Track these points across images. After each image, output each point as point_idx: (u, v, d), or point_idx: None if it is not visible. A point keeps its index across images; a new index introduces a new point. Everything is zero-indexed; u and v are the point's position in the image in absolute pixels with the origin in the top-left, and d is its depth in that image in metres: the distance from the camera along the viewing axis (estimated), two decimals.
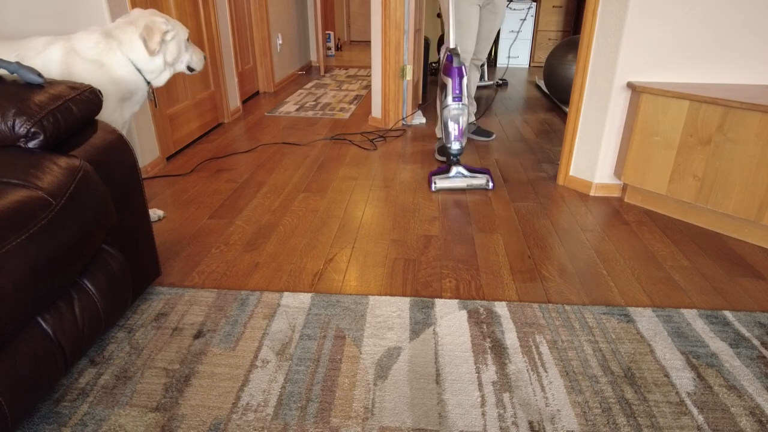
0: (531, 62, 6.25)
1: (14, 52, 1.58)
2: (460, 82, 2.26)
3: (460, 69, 2.25)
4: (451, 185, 2.33)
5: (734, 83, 2.07)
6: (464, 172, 2.35)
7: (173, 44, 1.73)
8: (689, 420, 1.12)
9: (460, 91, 2.26)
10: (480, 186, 2.33)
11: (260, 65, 4.45)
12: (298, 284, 1.63)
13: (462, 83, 2.26)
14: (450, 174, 2.35)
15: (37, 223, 0.99)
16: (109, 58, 1.63)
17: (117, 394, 1.17)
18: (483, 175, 2.36)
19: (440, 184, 2.33)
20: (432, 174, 2.38)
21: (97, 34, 1.64)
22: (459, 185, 2.33)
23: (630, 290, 1.61)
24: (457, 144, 2.34)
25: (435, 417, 1.12)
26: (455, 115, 2.29)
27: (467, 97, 3.08)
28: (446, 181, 2.33)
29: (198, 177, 2.52)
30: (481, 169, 2.41)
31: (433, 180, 2.33)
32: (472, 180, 2.33)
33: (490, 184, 2.33)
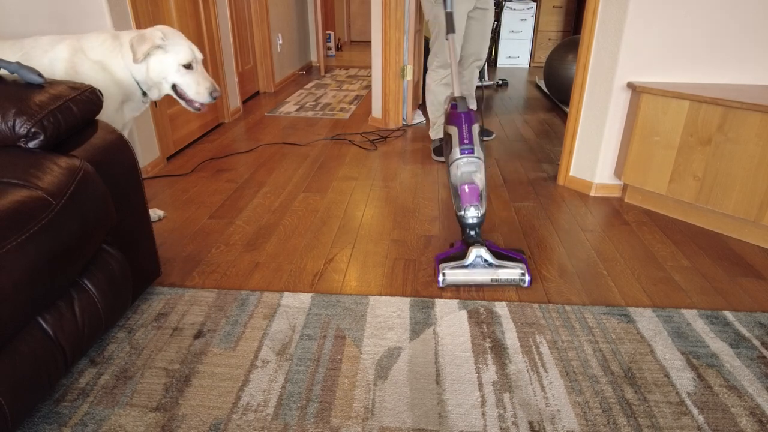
0: (531, 62, 6.25)
1: (20, 51, 1.58)
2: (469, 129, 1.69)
3: (469, 114, 1.71)
4: (468, 280, 1.58)
5: (734, 83, 2.07)
6: (488, 258, 1.59)
7: (154, 61, 1.64)
8: (689, 420, 1.12)
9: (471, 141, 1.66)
10: (511, 281, 1.59)
11: (260, 65, 4.45)
12: (299, 284, 1.63)
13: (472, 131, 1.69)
14: (467, 261, 1.60)
15: (38, 223, 0.99)
16: (111, 59, 1.63)
17: (117, 394, 1.17)
18: (516, 263, 1.60)
19: (451, 278, 1.58)
20: (439, 259, 1.64)
21: (106, 34, 1.64)
22: (480, 280, 1.59)
23: (630, 290, 1.61)
24: (473, 211, 1.63)
25: (435, 417, 1.12)
26: (467, 171, 1.63)
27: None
28: (461, 274, 1.58)
29: (198, 177, 2.52)
30: (513, 253, 1.66)
31: (441, 270, 1.59)
32: (499, 271, 1.58)
33: (526, 279, 1.58)
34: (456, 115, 1.73)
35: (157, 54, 1.64)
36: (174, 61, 1.67)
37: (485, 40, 2.88)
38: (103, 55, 1.62)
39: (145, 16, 2.46)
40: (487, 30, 2.84)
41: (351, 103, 4.16)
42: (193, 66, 1.72)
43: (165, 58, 1.65)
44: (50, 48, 1.59)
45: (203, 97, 1.74)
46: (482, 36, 2.84)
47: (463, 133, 1.69)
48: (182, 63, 1.68)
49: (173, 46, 1.66)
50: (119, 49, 1.63)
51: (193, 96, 1.73)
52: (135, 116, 1.81)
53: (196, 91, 1.72)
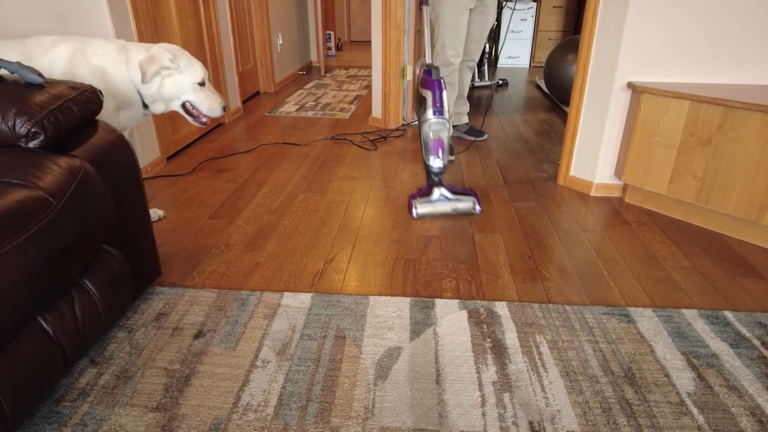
0: (531, 62, 6.25)
1: (20, 50, 1.59)
2: (441, 95, 2.07)
3: (440, 82, 2.08)
4: (434, 210, 2.11)
5: (734, 83, 2.07)
6: (448, 195, 2.12)
7: (170, 82, 1.69)
8: (689, 420, 1.12)
9: (441, 105, 2.06)
10: (466, 210, 2.11)
11: (260, 65, 4.45)
12: (299, 284, 1.63)
13: (442, 96, 2.07)
14: (432, 197, 2.12)
15: (38, 223, 0.99)
16: (113, 68, 1.64)
17: (117, 394, 1.17)
18: (468, 197, 2.14)
19: (422, 210, 2.10)
20: (412, 197, 2.16)
21: (114, 44, 1.66)
22: (443, 210, 2.11)
23: (630, 290, 1.61)
24: (439, 162, 2.11)
25: (435, 417, 1.12)
26: (437, 130, 2.06)
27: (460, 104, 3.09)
28: (428, 206, 2.11)
29: (198, 177, 2.52)
30: (466, 191, 2.20)
31: (413, 205, 2.10)
32: (456, 203, 2.12)
33: (477, 208, 2.12)
34: (430, 81, 2.09)
35: (173, 75, 1.70)
36: (189, 80, 1.73)
37: (480, 43, 2.89)
38: (107, 62, 1.63)
39: (145, 16, 2.46)
40: (484, 33, 2.85)
41: (351, 103, 4.16)
42: (205, 82, 1.78)
43: (181, 78, 1.71)
44: (50, 48, 1.59)
45: (216, 111, 1.80)
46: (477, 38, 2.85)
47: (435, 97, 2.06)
48: (197, 81, 1.74)
49: (187, 67, 1.72)
50: (125, 62, 1.65)
51: (207, 111, 1.79)
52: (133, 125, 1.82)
53: (209, 106, 1.79)
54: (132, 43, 1.71)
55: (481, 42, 2.89)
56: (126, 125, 1.78)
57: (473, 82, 4.85)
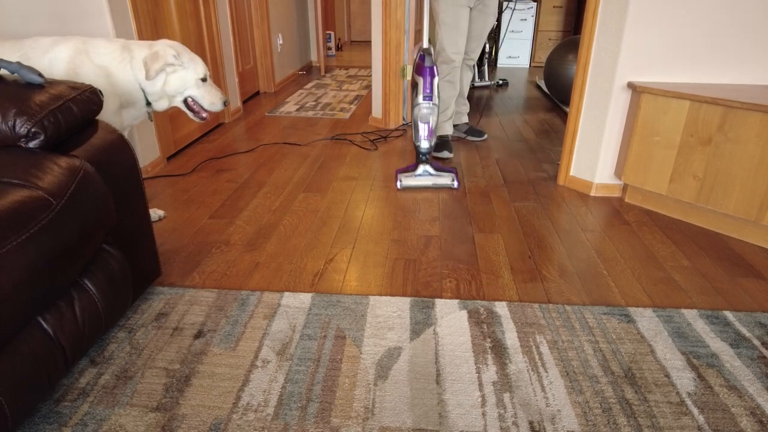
0: (531, 62, 6.25)
1: (19, 51, 1.59)
2: (431, 81, 2.25)
3: (432, 68, 2.25)
4: (417, 183, 2.35)
5: (735, 83, 2.07)
6: (431, 171, 2.36)
7: (175, 78, 1.73)
8: (690, 420, 1.12)
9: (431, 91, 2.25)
10: (445, 185, 2.35)
11: (261, 65, 4.45)
12: (299, 284, 1.63)
13: (433, 83, 2.25)
14: (416, 172, 2.37)
15: (38, 223, 0.99)
16: (117, 68, 1.65)
17: (117, 394, 1.17)
18: (449, 174, 2.37)
19: (406, 182, 2.36)
20: (398, 171, 2.41)
21: (116, 43, 1.67)
22: (424, 183, 2.35)
23: (630, 290, 1.61)
24: (425, 143, 2.35)
25: (435, 417, 1.12)
26: (425, 114, 2.29)
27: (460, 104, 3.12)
28: (412, 179, 2.36)
29: (198, 177, 2.52)
30: (447, 168, 2.42)
31: (398, 177, 2.36)
32: (437, 179, 2.35)
33: (455, 183, 2.35)
34: (423, 67, 2.27)
35: (177, 71, 1.73)
36: (192, 76, 1.76)
37: (479, 41, 2.89)
38: (110, 62, 1.64)
39: (146, 16, 2.46)
40: (484, 32, 2.85)
41: (351, 103, 4.16)
42: (207, 79, 1.81)
43: (185, 74, 1.75)
44: (50, 48, 1.59)
45: (217, 105, 1.84)
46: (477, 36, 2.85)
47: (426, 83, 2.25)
48: (200, 77, 1.77)
49: (190, 63, 1.75)
50: (129, 60, 1.66)
51: (208, 106, 1.83)
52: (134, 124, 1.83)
53: (210, 101, 1.82)
54: (133, 41, 1.72)
55: (481, 41, 2.89)
56: (128, 124, 1.79)
57: (473, 82, 4.85)
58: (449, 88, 2.84)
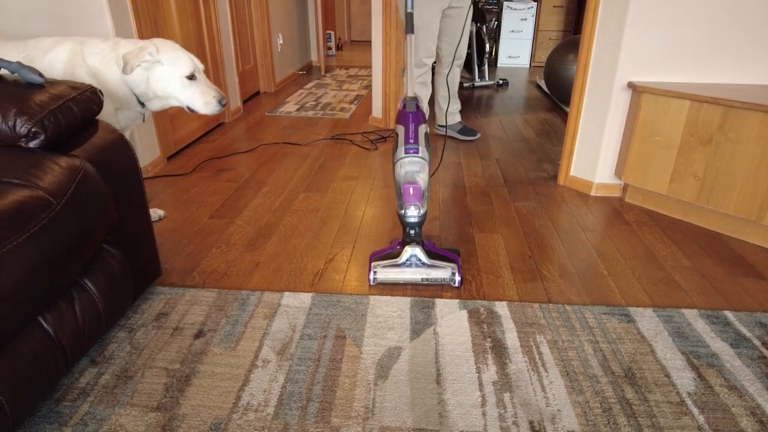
0: (532, 62, 6.25)
1: (24, 52, 1.58)
2: (415, 129, 1.61)
3: (416, 114, 1.64)
4: (399, 278, 1.61)
5: (735, 83, 2.07)
6: (422, 258, 1.61)
7: (155, 76, 1.62)
8: (690, 420, 1.12)
9: (416, 141, 1.59)
10: (441, 282, 1.61)
11: (261, 65, 4.45)
12: (299, 284, 1.63)
13: (418, 131, 1.61)
14: (400, 259, 1.61)
15: (38, 223, 0.99)
16: (105, 68, 1.61)
17: (118, 394, 1.17)
18: (448, 264, 1.61)
19: (382, 276, 1.61)
20: (373, 257, 1.67)
21: (107, 42, 1.63)
22: (411, 278, 1.60)
23: (631, 290, 1.61)
24: (413, 210, 1.60)
25: (435, 417, 1.12)
26: (410, 171, 1.59)
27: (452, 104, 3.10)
28: (392, 272, 1.61)
29: (198, 177, 2.52)
30: (447, 253, 1.67)
31: (372, 268, 1.62)
32: (430, 271, 1.60)
33: (456, 280, 1.59)
34: (404, 114, 1.66)
35: (155, 69, 1.62)
36: (175, 74, 1.64)
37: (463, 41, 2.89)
38: (100, 62, 1.61)
39: (146, 16, 2.46)
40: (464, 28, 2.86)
41: (351, 103, 4.16)
42: (196, 76, 1.68)
43: (163, 71, 1.63)
44: (51, 49, 1.59)
45: (212, 106, 1.71)
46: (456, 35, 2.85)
47: (409, 132, 1.62)
48: (185, 75, 1.65)
49: (171, 59, 1.63)
50: (114, 60, 1.61)
51: (202, 107, 1.70)
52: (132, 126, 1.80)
53: (203, 101, 1.69)
54: (125, 40, 1.67)
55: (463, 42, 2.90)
56: (126, 125, 1.78)
57: (473, 82, 4.86)
58: (423, 90, 2.91)
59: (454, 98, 3.14)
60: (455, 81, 3.09)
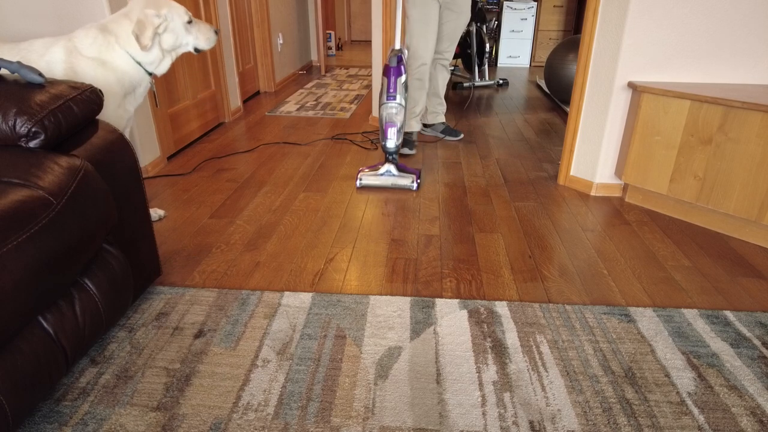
0: (532, 62, 6.25)
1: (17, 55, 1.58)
2: (395, 81, 2.25)
3: (397, 68, 2.24)
4: (377, 183, 2.36)
5: (735, 83, 2.07)
6: (393, 171, 2.36)
7: (168, 35, 1.72)
8: (690, 420, 1.12)
9: (395, 90, 2.25)
10: (404, 186, 2.34)
11: (261, 65, 4.45)
12: (299, 284, 1.63)
13: (397, 82, 2.24)
14: (379, 171, 2.37)
15: (38, 223, 0.99)
16: (109, 54, 1.63)
17: (118, 394, 1.18)
18: (410, 175, 2.36)
19: (366, 181, 2.36)
20: (361, 170, 2.41)
21: (94, 30, 1.64)
22: (384, 183, 2.36)
23: (631, 290, 1.61)
24: (390, 142, 2.34)
25: (435, 416, 1.12)
26: (390, 114, 2.28)
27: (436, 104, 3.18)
28: (372, 178, 2.36)
29: (199, 176, 2.52)
30: (411, 170, 2.41)
31: (359, 176, 2.36)
32: (397, 179, 2.35)
33: (414, 185, 2.33)
34: (387, 68, 2.27)
35: (167, 26, 1.72)
36: (180, 23, 1.75)
37: (452, 41, 2.89)
38: (99, 51, 1.62)
39: None
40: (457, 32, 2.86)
41: (351, 103, 4.16)
42: (191, 19, 1.80)
43: (174, 26, 1.74)
44: (45, 51, 1.59)
45: (212, 40, 1.87)
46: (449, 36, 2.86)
47: (390, 83, 2.24)
48: (185, 21, 1.77)
49: (172, 13, 1.73)
50: (115, 41, 1.64)
51: (205, 44, 1.85)
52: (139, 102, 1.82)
53: (205, 38, 1.85)
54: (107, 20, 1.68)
55: (453, 41, 2.89)
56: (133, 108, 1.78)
57: (473, 82, 4.85)
58: (419, 86, 2.86)
59: (439, 98, 3.12)
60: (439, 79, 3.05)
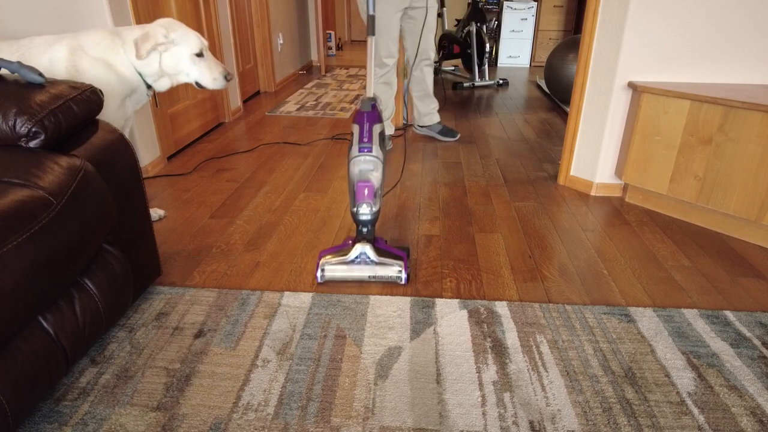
0: (532, 62, 6.25)
1: (17, 52, 1.58)
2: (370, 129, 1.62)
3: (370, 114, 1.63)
4: (347, 275, 1.63)
5: (735, 83, 2.07)
6: (370, 256, 1.63)
7: (169, 56, 1.70)
8: (690, 420, 1.12)
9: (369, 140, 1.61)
10: (388, 279, 1.63)
11: (261, 65, 4.45)
12: (299, 284, 1.63)
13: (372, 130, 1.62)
14: (349, 257, 1.63)
15: (38, 223, 0.99)
16: (113, 57, 1.65)
17: (118, 394, 1.18)
18: (396, 261, 1.63)
19: (330, 274, 1.63)
20: (323, 254, 1.67)
21: (105, 32, 1.66)
22: (358, 276, 1.62)
23: (631, 290, 1.61)
24: (365, 208, 1.62)
25: (435, 416, 1.12)
26: (364, 170, 1.61)
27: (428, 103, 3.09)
28: (340, 269, 1.63)
29: (199, 176, 2.52)
30: (396, 251, 1.68)
31: (320, 266, 1.63)
32: (378, 269, 1.62)
33: (402, 278, 1.62)
34: (359, 114, 1.67)
35: (169, 49, 1.70)
36: (186, 52, 1.73)
37: (427, 39, 2.87)
38: (104, 52, 1.63)
39: (146, 16, 2.46)
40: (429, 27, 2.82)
41: (352, 103, 4.16)
42: (204, 53, 1.77)
43: (178, 50, 1.71)
44: (47, 48, 1.59)
45: (219, 82, 1.81)
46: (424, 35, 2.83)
47: (363, 131, 1.64)
48: (194, 52, 1.74)
49: (182, 38, 1.71)
50: (121, 46, 1.65)
51: (210, 84, 1.80)
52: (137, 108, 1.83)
53: (211, 77, 1.79)
54: (123, 27, 1.71)
55: (431, 37, 2.88)
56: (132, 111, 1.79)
57: (473, 82, 4.86)
58: (386, 89, 2.87)
59: (430, 98, 3.11)
60: (427, 80, 3.05)
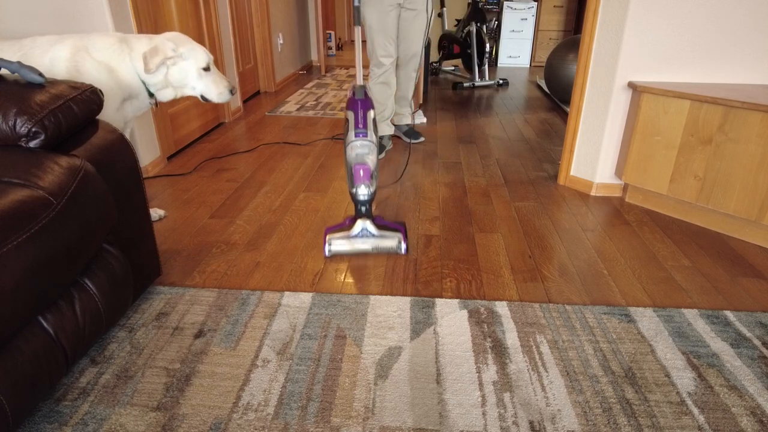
0: (532, 62, 6.25)
1: (19, 51, 1.58)
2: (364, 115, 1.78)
3: (364, 101, 1.79)
4: (352, 248, 1.79)
5: (735, 83, 2.07)
6: (372, 231, 1.79)
7: (176, 70, 1.73)
8: (690, 420, 1.12)
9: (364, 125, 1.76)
10: (389, 250, 1.80)
11: (261, 65, 4.45)
12: (299, 284, 1.63)
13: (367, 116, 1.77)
14: (352, 232, 1.80)
15: (38, 223, 0.99)
16: (118, 63, 1.66)
17: (118, 394, 1.18)
18: (395, 234, 1.81)
19: (336, 248, 1.78)
20: (329, 230, 1.83)
21: (113, 37, 1.67)
22: (362, 248, 1.79)
23: (631, 290, 1.61)
24: (363, 189, 1.77)
25: (435, 417, 1.12)
26: (360, 154, 1.75)
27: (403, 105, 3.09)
28: (345, 243, 1.79)
29: (199, 176, 2.52)
30: (394, 225, 1.86)
31: (327, 241, 1.79)
32: (380, 241, 1.79)
33: (402, 248, 1.80)
34: (353, 101, 1.81)
35: (177, 63, 1.72)
36: (194, 67, 1.76)
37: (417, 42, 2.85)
38: (110, 57, 1.64)
39: (146, 16, 2.46)
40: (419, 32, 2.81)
41: None
42: (210, 67, 1.80)
43: (185, 65, 1.74)
44: (50, 48, 1.59)
45: (225, 96, 1.85)
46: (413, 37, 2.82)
47: (358, 117, 1.78)
48: (202, 67, 1.77)
49: (190, 53, 1.74)
50: (128, 53, 1.67)
51: (216, 97, 1.83)
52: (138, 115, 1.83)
53: (217, 92, 1.82)
54: (132, 35, 1.72)
55: (417, 40, 2.86)
56: (132, 116, 1.79)
57: (473, 82, 4.85)
58: (384, 89, 2.85)
59: (406, 100, 3.09)
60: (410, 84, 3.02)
